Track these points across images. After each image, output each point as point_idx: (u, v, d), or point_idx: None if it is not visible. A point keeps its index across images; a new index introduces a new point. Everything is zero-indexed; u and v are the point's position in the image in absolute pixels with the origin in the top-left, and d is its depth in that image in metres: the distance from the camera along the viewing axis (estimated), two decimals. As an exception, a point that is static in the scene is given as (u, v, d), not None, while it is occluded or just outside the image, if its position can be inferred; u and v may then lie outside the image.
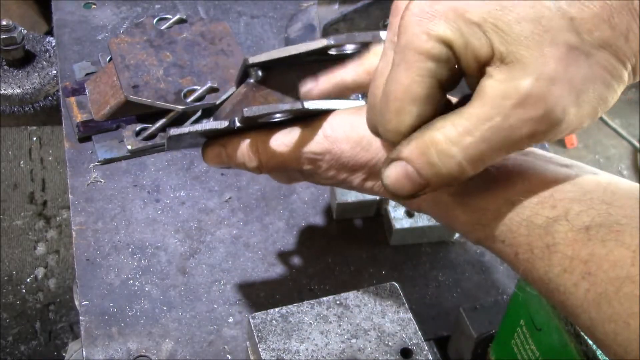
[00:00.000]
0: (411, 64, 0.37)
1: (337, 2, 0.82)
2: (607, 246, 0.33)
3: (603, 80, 0.35)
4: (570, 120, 0.35)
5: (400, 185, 0.38)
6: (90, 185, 0.73)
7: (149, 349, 0.60)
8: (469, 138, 0.35)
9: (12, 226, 1.76)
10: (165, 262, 0.67)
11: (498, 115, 0.35)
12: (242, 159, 0.49)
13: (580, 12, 0.34)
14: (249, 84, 0.51)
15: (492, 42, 0.35)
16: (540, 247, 0.36)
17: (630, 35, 0.35)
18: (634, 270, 0.31)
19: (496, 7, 0.35)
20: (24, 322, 1.59)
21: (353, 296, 0.55)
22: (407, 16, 0.37)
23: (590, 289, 0.33)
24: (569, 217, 0.35)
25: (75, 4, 0.95)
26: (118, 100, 0.76)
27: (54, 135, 1.93)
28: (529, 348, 0.49)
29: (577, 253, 0.34)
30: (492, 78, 0.35)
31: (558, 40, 0.34)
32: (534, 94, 0.34)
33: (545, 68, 0.34)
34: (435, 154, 0.36)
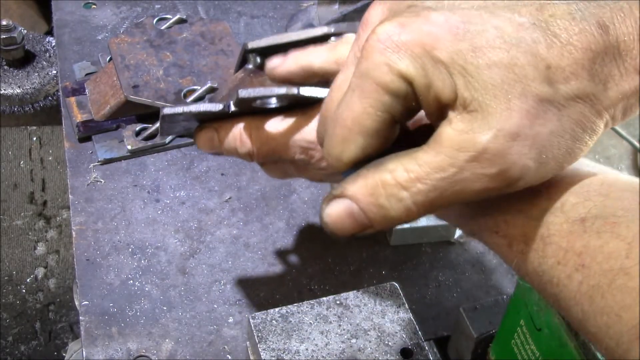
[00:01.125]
0: (367, 93, 0.35)
1: (337, 2, 0.82)
2: (602, 238, 0.32)
3: (573, 135, 0.34)
4: (530, 177, 0.34)
5: (342, 225, 0.37)
6: (90, 185, 0.73)
7: (149, 349, 0.60)
8: (420, 185, 0.34)
9: (12, 226, 1.76)
10: (165, 262, 0.67)
11: (452, 166, 0.33)
12: (233, 144, 0.48)
13: (559, 58, 0.32)
14: (247, 70, 0.51)
15: (456, 85, 0.33)
16: (535, 238, 0.35)
17: (609, 83, 0.33)
18: (628, 262, 0.30)
19: (468, 47, 0.33)
20: (24, 322, 1.59)
21: (353, 296, 0.55)
22: (372, 40, 0.35)
23: (584, 281, 0.32)
24: (565, 209, 0.35)
25: (75, 4, 0.95)
26: (118, 100, 0.76)
27: (54, 135, 1.93)
28: (529, 348, 0.49)
29: (571, 245, 0.33)
30: (451, 125, 0.34)
31: (528, 92, 0.32)
32: (492, 150, 0.33)
33: (508, 122, 0.32)
34: (385, 196, 0.35)
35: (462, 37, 0.33)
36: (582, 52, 0.33)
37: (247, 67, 0.51)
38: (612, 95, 0.33)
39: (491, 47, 0.33)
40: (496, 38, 0.33)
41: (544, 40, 0.33)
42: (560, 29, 0.33)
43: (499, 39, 0.33)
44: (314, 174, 0.51)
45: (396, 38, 0.34)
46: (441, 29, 0.33)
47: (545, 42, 0.33)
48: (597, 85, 0.33)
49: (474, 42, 0.33)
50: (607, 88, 0.33)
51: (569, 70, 0.33)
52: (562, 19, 0.33)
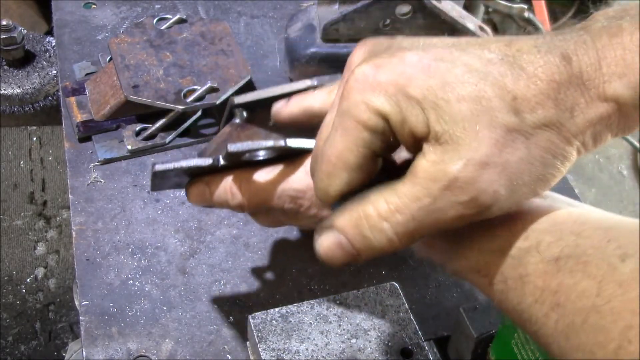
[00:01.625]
0: (348, 131, 0.38)
1: (337, 2, 0.82)
2: (575, 277, 0.33)
3: (542, 161, 0.35)
4: (503, 203, 0.36)
5: (333, 254, 0.40)
6: (90, 185, 0.73)
7: (149, 349, 0.60)
8: (399, 216, 0.37)
9: (12, 226, 1.76)
10: (165, 262, 0.67)
11: (427, 197, 0.36)
12: (224, 197, 0.50)
13: (525, 89, 0.34)
14: (233, 124, 0.52)
15: (429, 119, 0.35)
16: (514, 277, 0.36)
17: (575, 111, 0.35)
18: (599, 300, 0.31)
19: (438, 83, 0.35)
20: (24, 322, 1.59)
21: (353, 296, 0.55)
22: (351, 81, 0.37)
23: (560, 320, 0.33)
24: (540, 249, 0.36)
25: (75, 4, 0.95)
26: (118, 100, 0.76)
27: (54, 135, 1.93)
28: (529, 348, 0.49)
29: (547, 284, 0.34)
30: (424, 158, 0.36)
31: (496, 122, 0.34)
32: (462, 179, 0.35)
33: (478, 152, 0.34)
34: (368, 227, 0.38)
35: (433, 74, 0.35)
36: (547, 82, 0.34)
37: (234, 122, 0.52)
38: (579, 123, 0.35)
39: (460, 82, 0.35)
40: (465, 73, 0.35)
41: (510, 74, 0.35)
42: (527, 62, 0.35)
43: (467, 74, 0.35)
44: (305, 222, 0.52)
45: (372, 78, 0.36)
46: (414, 68, 0.36)
47: (512, 75, 0.35)
48: (564, 113, 0.35)
49: (444, 78, 0.35)
50: (574, 116, 0.35)
51: (535, 100, 0.34)
52: (528, 53, 0.35)
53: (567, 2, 2.38)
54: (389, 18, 0.78)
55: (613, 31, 0.35)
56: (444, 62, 0.36)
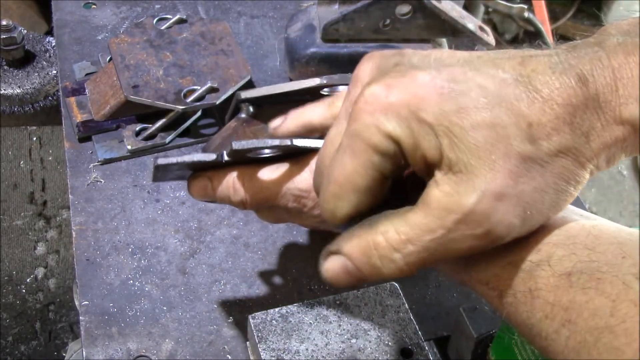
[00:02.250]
0: (357, 153, 0.36)
1: (337, 2, 0.82)
2: (588, 294, 0.32)
3: (557, 189, 0.34)
4: (515, 232, 0.35)
5: (339, 279, 0.39)
6: (90, 185, 0.73)
7: (149, 349, 0.60)
8: (411, 246, 0.36)
9: (12, 226, 1.76)
10: (165, 262, 0.67)
11: (440, 228, 0.35)
12: (227, 192, 0.49)
13: (540, 115, 0.33)
14: (239, 119, 0.51)
15: (442, 145, 0.34)
16: (523, 291, 0.36)
17: (591, 135, 0.34)
18: (613, 320, 0.30)
19: (453, 107, 0.34)
20: (24, 322, 1.59)
21: (353, 296, 0.55)
22: (361, 102, 0.36)
23: (571, 337, 0.32)
24: (552, 262, 0.35)
25: (75, 4, 0.95)
26: (118, 100, 0.76)
27: (54, 135, 1.93)
28: (529, 348, 0.49)
29: (558, 299, 0.33)
30: (438, 187, 0.35)
31: (511, 151, 0.33)
32: (478, 212, 0.34)
33: (493, 183, 0.33)
34: (378, 257, 0.37)
35: (447, 98, 0.34)
36: (563, 107, 0.33)
37: (240, 117, 0.52)
38: (595, 147, 0.34)
39: (475, 108, 0.33)
40: (480, 97, 0.34)
41: (525, 97, 0.33)
42: (542, 83, 0.34)
43: (482, 98, 0.34)
44: (308, 222, 0.52)
45: (383, 100, 0.35)
46: (427, 89, 0.34)
47: (527, 99, 0.33)
48: (579, 138, 0.34)
49: (459, 102, 0.34)
50: (589, 140, 0.34)
51: (550, 125, 0.33)
52: (543, 74, 0.34)
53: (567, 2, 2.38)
54: (389, 18, 0.78)
55: (629, 49, 0.33)
56: (458, 84, 0.34)
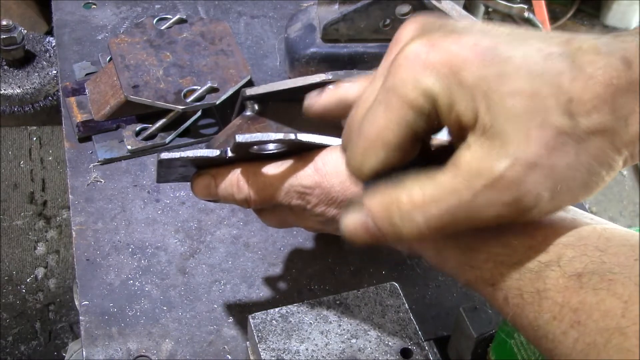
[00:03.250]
0: (392, 108, 0.36)
1: (337, 2, 0.82)
2: (599, 295, 0.32)
3: (589, 169, 0.34)
4: (543, 207, 0.34)
5: (357, 235, 0.39)
6: (90, 185, 0.73)
7: (149, 349, 0.60)
8: (433, 207, 0.35)
9: (12, 226, 1.76)
10: (165, 262, 0.67)
11: (467, 191, 0.34)
12: (230, 190, 0.48)
13: (582, 92, 0.32)
14: (244, 117, 0.51)
15: (478, 109, 0.33)
16: (531, 292, 0.35)
17: (631, 118, 0.33)
18: (624, 321, 0.30)
19: (494, 73, 0.33)
20: (24, 322, 1.59)
21: (353, 296, 0.55)
22: (401, 57, 0.35)
23: (579, 339, 0.32)
24: (562, 263, 0.34)
25: (75, 4, 0.95)
26: (118, 100, 0.76)
27: (54, 135, 1.94)
28: (529, 348, 0.49)
29: (567, 300, 0.33)
30: (469, 150, 0.34)
31: (548, 123, 0.32)
32: (508, 178, 0.33)
33: (526, 152, 0.33)
34: (398, 214, 0.36)
35: (489, 63, 0.33)
36: (605, 86, 0.32)
37: (245, 114, 0.51)
38: (633, 132, 0.33)
39: (516, 76, 0.33)
40: (522, 66, 0.33)
41: (569, 72, 0.33)
42: (586, 62, 0.33)
43: (524, 68, 0.33)
44: (312, 222, 0.51)
45: (424, 57, 0.34)
46: (470, 51, 0.34)
47: (570, 74, 0.33)
48: (618, 120, 0.33)
49: (500, 68, 0.33)
50: (628, 124, 0.33)
51: (591, 104, 0.32)
52: (588, 53, 0.33)
53: (567, 2, 2.38)
54: (389, 18, 0.78)
55: None
56: (501, 51, 0.33)
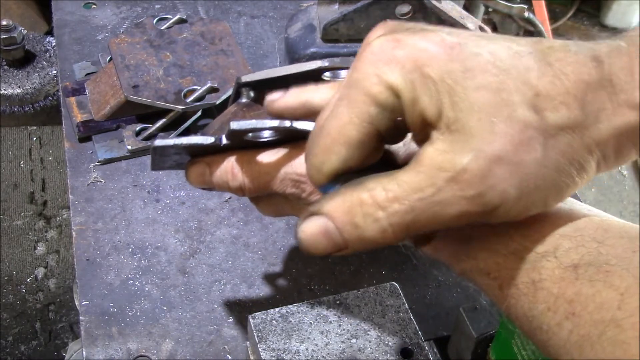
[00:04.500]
0: (354, 103, 0.35)
1: (337, 2, 0.82)
2: (595, 287, 0.31)
3: (558, 167, 0.33)
4: (510, 205, 0.33)
5: (316, 242, 0.37)
6: (90, 185, 0.73)
7: (149, 349, 0.60)
8: (397, 205, 0.34)
9: (12, 226, 1.76)
10: (165, 262, 0.67)
11: (430, 187, 0.33)
12: (225, 177, 0.47)
13: (549, 86, 0.32)
14: (239, 104, 0.51)
15: (442, 104, 0.33)
16: (526, 282, 0.35)
17: (601, 116, 0.33)
18: (620, 313, 0.30)
19: (460, 67, 0.33)
20: (24, 322, 1.59)
21: (353, 296, 0.55)
22: (366, 52, 0.35)
23: (574, 330, 0.31)
24: (558, 254, 0.34)
25: (75, 4, 0.95)
26: (118, 100, 0.76)
27: (54, 135, 1.94)
28: (529, 348, 0.49)
29: (562, 291, 0.33)
30: (432, 145, 0.33)
31: (514, 117, 0.32)
32: (471, 172, 0.32)
33: (491, 146, 0.32)
34: (361, 215, 0.35)
35: (455, 58, 0.33)
36: (574, 82, 0.32)
37: (240, 102, 0.51)
38: (603, 130, 0.33)
39: (482, 71, 0.33)
40: (489, 62, 0.33)
41: (537, 68, 0.33)
42: (555, 59, 0.33)
43: (491, 63, 0.33)
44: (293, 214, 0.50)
45: (389, 52, 0.34)
46: (436, 47, 0.34)
47: (538, 70, 0.33)
48: (588, 116, 0.33)
49: (466, 63, 0.33)
50: (599, 121, 0.33)
51: (559, 99, 0.32)
52: (558, 51, 0.33)
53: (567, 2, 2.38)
54: (389, 18, 0.78)
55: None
56: (468, 47, 0.33)
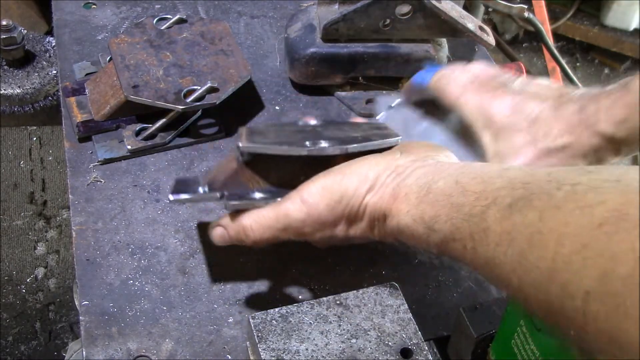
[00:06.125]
0: None
1: (337, 2, 0.82)
2: (523, 213, 0.38)
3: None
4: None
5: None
6: (90, 185, 0.73)
7: (149, 349, 0.60)
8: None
9: (12, 226, 1.76)
10: (165, 262, 0.67)
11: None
12: (240, 237, 0.58)
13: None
14: (239, 162, 0.58)
15: None
16: (479, 232, 0.41)
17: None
18: (541, 224, 0.36)
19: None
20: (24, 322, 1.59)
21: (353, 296, 0.55)
22: None
23: (514, 252, 0.38)
24: (497, 202, 0.41)
25: (75, 4, 0.95)
26: (118, 100, 0.76)
27: (54, 135, 1.93)
28: (529, 348, 0.49)
29: (504, 227, 0.39)
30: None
31: None
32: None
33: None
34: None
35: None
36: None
37: (239, 159, 0.58)
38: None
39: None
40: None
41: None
42: None
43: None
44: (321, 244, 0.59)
45: None
46: None
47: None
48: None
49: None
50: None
51: None
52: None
53: (567, 2, 2.38)
54: (389, 18, 0.78)
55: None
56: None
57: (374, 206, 0.52)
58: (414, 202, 0.48)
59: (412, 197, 0.49)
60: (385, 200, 0.51)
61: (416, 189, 0.49)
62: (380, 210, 0.52)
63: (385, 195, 0.51)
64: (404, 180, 0.51)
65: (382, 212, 0.51)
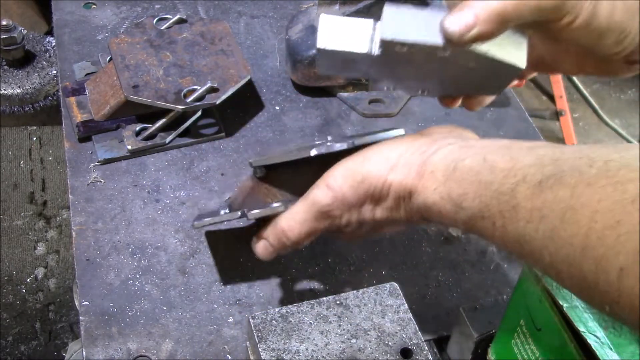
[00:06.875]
0: None
1: (338, 3, 0.82)
2: (554, 190, 0.38)
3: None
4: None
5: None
6: (90, 185, 0.73)
7: (149, 349, 0.60)
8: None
9: (12, 226, 1.76)
10: (165, 262, 0.67)
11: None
12: (282, 241, 0.57)
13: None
14: (254, 178, 0.60)
15: None
16: (509, 209, 0.42)
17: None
18: (573, 200, 0.36)
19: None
20: (24, 322, 1.59)
21: (353, 296, 0.55)
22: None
23: (546, 229, 0.38)
24: (527, 179, 0.41)
25: (75, 4, 0.95)
26: (118, 100, 0.76)
27: (54, 135, 1.93)
28: (529, 348, 0.49)
29: (534, 204, 0.40)
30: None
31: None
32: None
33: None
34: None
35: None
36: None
37: (254, 176, 0.60)
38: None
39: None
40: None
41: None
42: None
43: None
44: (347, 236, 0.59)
45: None
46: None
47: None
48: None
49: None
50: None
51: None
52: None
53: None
54: (389, 18, 0.78)
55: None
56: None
57: (399, 184, 0.51)
58: (440, 180, 0.48)
59: (438, 174, 0.48)
60: (410, 178, 0.51)
61: (443, 167, 0.48)
62: (405, 188, 0.51)
63: (411, 173, 0.51)
64: (429, 158, 0.50)
65: (408, 189, 0.51)
